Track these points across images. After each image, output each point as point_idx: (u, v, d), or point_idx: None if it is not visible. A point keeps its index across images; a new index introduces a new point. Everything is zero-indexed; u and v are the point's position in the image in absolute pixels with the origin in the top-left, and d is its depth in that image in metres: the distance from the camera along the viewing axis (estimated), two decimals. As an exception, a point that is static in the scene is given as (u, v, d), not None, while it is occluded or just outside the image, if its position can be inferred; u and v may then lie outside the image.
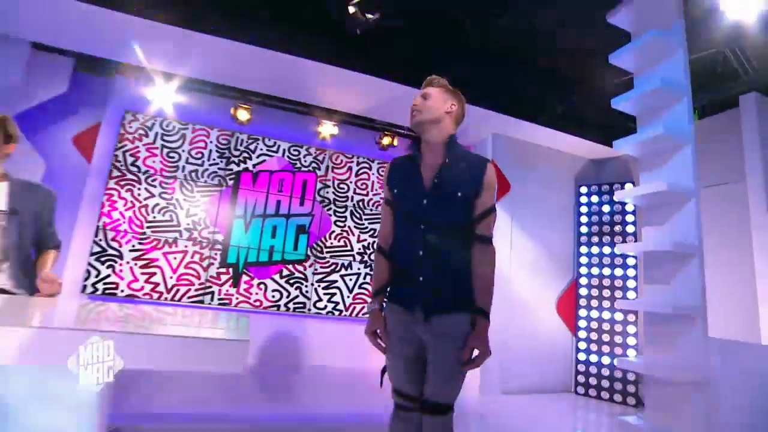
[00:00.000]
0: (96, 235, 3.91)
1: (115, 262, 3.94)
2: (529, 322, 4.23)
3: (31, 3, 3.12)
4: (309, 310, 4.39)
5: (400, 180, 1.57)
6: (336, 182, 4.71)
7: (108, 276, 3.90)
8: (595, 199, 4.53)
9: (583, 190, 4.62)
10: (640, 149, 2.50)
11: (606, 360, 4.09)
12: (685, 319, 2.13)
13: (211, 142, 4.37)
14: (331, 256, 4.55)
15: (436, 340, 1.42)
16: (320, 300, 4.44)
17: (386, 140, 4.71)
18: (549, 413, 3.64)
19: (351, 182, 4.77)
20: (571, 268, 4.52)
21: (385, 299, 1.59)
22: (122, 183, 4.08)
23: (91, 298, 3.78)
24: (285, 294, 4.31)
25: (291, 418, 2.90)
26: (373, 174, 4.88)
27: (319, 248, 4.53)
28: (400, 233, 1.54)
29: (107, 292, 3.86)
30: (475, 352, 1.41)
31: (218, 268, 4.16)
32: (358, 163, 4.83)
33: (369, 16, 2.83)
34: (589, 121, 4.33)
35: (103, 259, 3.91)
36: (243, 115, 4.30)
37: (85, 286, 3.81)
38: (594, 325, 4.23)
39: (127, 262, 3.96)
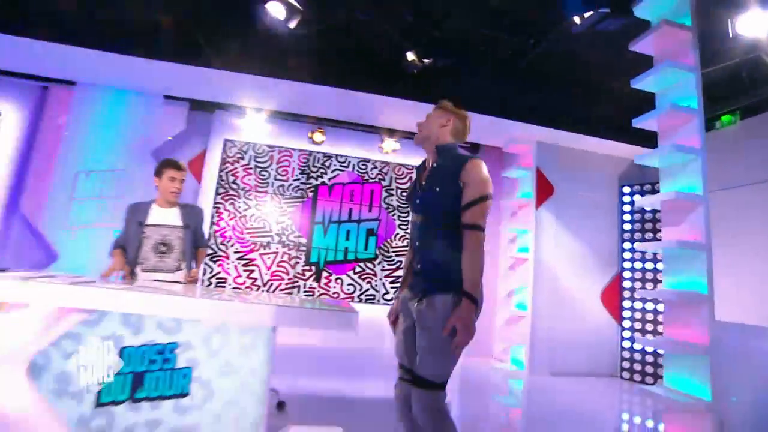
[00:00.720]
0: (209, 241, 4.92)
1: (224, 261, 4.91)
2: (574, 312, 4.68)
3: (183, 71, 4.11)
4: (378, 300, 5.15)
5: (411, 186, 1.88)
6: (398, 190, 5.43)
7: (218, 272, 4.89)
8: (637, 198, 4.85)
9: (626, 189, 4.95)
10: (659, 162, 2.94)
11: (650, 348, 4.44)
12: (695, 304, 2.58)
13: (293, 161, 5.25)
14: (396, 255, 5.28)
15: (422, 317, 1.61)
16: (387, 293, 5.18)
17: (441, 152, 5.33)
18: (594, 394, 4.08)
19: (410, 190, 5.47)
20: (616, 262, 4.88)
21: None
22: (226, 198, 5.06)
23: (208, 291, 4.79)
24: (358, 287, 5.10)
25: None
26: (429, 182, 5.55)
27: (385, 248, 5.27)
28: (410, 230, 1.86)
29: (218, 285, 4.84)
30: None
31: (303, 266, 5.04)
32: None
33: (425, 60, 3.47)
34: (630, 128, 4.67)
35: (214, 259, 4.90)
36: (319, 137, 5.13)
37: (202, 281, 4.83)
38: (638, 315, 4.59)
39: (233, 262, 4.93)
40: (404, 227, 5.38)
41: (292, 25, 3.35)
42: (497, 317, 5.00)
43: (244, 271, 4.94)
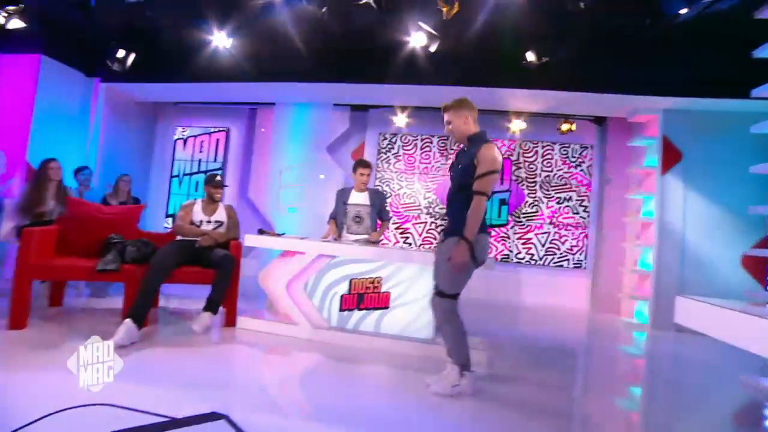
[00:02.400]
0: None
1: (386, 231, 6.33)
2: (705, 273, 4.80)
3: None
4: (511, 260, 6.06)
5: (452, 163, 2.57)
6: (526, 164, 6.15)
7: (382, 240, 6.33)
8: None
9: (771, 149, 4.82)
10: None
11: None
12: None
13: (434, 146, 6.36)
14: (527, 220, 6.08)
15: (440, 251, 2.36)
16: (519, 252, 6.05)
17: (565, 126, 5.83)
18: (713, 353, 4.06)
19: (538, 163, 6.14)
20: (760, 227, 4.79)
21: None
22: (383, 181, 6.43)
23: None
24: (494, 248, 6.08)
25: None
26: (555, 154, 6.12)
27: (516, 215, 6.11)
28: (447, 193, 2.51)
29: (383, 248, 6.30)
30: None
31: (447, 232, 6.21)
32: (543, 147, 6.15)
33: (544, 59, 4.14)
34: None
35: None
36: (454, 124, 6.11)
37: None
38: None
39: (392, 231, 6.32)
40: (533, 196, 6.12)
41: (433, 49, 4.34)
42: (625, 277, 5.47)
43: (401, 237, 6.31)
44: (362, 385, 2.56)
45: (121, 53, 4.94)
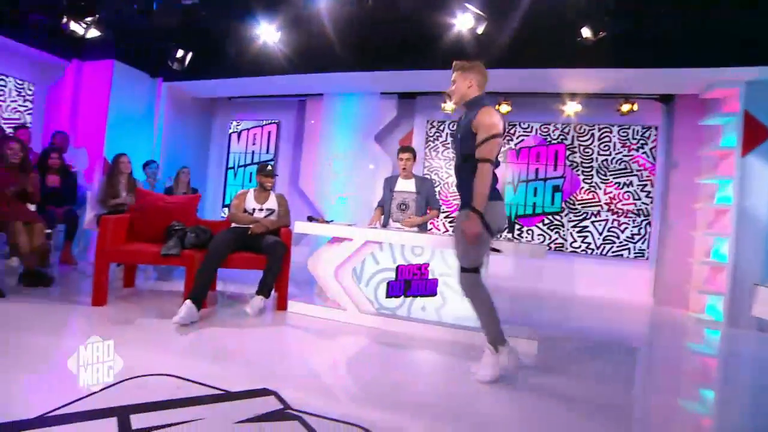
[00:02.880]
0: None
1: (435, 220, 6.27)
2: None
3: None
4: (566, 249, 5.79)
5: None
6: (581, 148, 5.82)
7: (431, 228, 6.29)
8: None
9: None
10: None
11: None
12: None
13: (483, 132, 6.19)
14: (582, 207, 5.78)
15: (455, 227, 2.32)
16: (575, 241, 5.77)
17: (626, 107, 5.43)
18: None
19: (594, 146, 5.78)
20: None
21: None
22: (431, 169, 6.37)
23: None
24: (547, 237, 5.85)
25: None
26: (614, 137, 5.73)
27: (571, 202, 5.82)
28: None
29: (431, 237, 6.26)
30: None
31: (497, 220, 6.05)
32: (599, 130, 5.77)
33: (601, 34, 3.86)
34: None
35: (426, 217, 6.32)
36: (505, 108, 5.89)
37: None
38: None
39: (441, 220, 6.26)
40: (588, 182, 5.78)
41: (480, 31, 4.19)
42: (694, 269, 5.04)
43: (450, 226, 6.24)
44: (408, 370, 2.59)
45: (179, 53, 5.25)
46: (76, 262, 4.64)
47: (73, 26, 4.37)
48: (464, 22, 4.28)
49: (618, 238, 5.65)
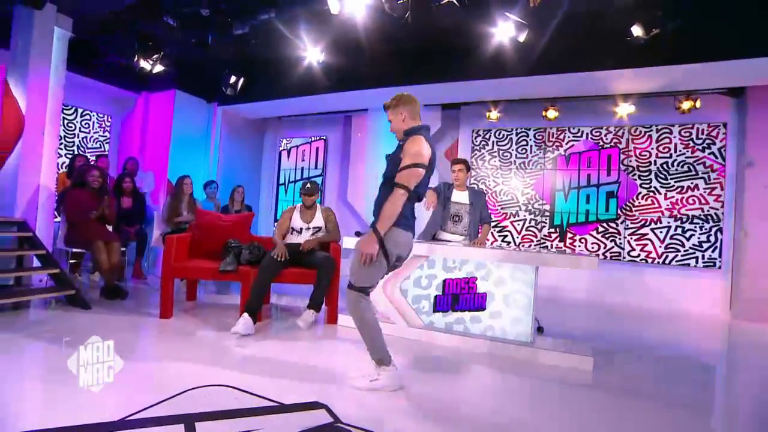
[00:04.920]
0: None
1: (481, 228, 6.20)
2: None
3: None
4: (623, 258, 5.48)
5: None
6: (637, 151, 5.52)
7: (477, 237, 6.20)
8: None
9: None
10: None
11: None
12: None
13: (530, 139, 6.05)
14: (640, 213, 5.45)
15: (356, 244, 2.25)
16: (633, 249, 5.45)
17: (686, 104, 5.08)
18: None
19: (652, 149, 5.46)
20: None
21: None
22: (478, 179, 6.30)
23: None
24: (602, 245, 5.57)
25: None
26: (674, 137, 5.38)
27: (628, 208, 5.51)
28: None
29: (478, 247, 6.17)
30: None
31: (548, 229, 5.85)
32: (657, 131, 5.45)
33: (654, 31, 3.68)
34: None
35: (473, 227, 6.25)
36: (552, 113, 5.72)
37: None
38: None
39: (490, 229, 6.15)
40: (645, 186, 5.46)
41: (521, 39, 4.13)
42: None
43: (499, 236, 6.12)
44: (457, 385, 2.57)
45: (232, 79, 5.61)
46: (145, 277, 5.06)
47: (143, 63, 4.83)
48: (505, 31, 4.24)
49: (683, 245, 5.26)
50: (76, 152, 6.07)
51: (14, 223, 3.84)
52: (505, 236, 6.08)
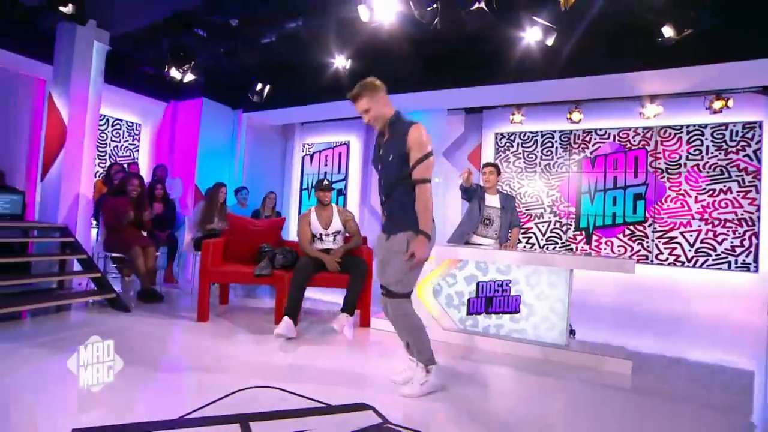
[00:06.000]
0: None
1: (504, 231, 6.19)
2: None
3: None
4: (651, 261, 5.41)
5: (374, 151, 2.31)
6: (666, 153, 5.44)
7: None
8: None
9: None
10: None
11: None
12: None
13: (555, 141, 6.02)
14: (668, 217, 5.38)
15: (389, 252, 2.18)
16: (661, 253, 5.37)
17: (718, 104, 5.00)
18: None
19: (682, 150, 5.38)
20: None
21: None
22: (503, 180, 6.28)
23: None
24: (629, 248, 5.51)
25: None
26: (706, 139, 5.29)
27: (656, 210, 5.44)
28: (378, 187, 2.30)
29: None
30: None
31: (574, 231, 5.81)
32: (688, 132, 5.37)
33: (686, 32, 3.64)
34: None
35: (497, 230, 6.23)
36: (576, 116, 5.69)
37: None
38: None
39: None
40: (676, 189, 5.38)
41: (549, 42, 4.13)
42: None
43: (524, 237, 6.09)
44: (495, 387, 2.58)
45: (258, 86, 5.73)
46: (176, 281, 5.18)
47: (173, 73, 4.97)
48: (533, 35, 4.25)
49: (714, 250, 5.16)
50: (108, 161, 6.27)
51: (57, 228, 4.00)
52: (530, 238, 6.05)
